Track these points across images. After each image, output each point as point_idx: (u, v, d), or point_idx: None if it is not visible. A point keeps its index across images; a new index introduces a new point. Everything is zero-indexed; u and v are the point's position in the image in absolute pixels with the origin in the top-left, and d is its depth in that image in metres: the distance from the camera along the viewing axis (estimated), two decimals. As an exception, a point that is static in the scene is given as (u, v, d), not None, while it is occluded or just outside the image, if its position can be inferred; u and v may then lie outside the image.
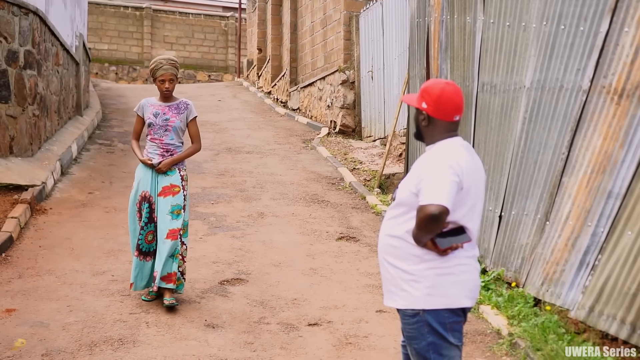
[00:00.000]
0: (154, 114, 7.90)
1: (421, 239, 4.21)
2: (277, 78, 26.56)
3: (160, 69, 7.79)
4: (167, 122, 7.88)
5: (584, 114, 7.19)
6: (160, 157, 7.83)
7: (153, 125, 7.86)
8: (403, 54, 14.98)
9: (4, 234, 9.36)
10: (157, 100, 8.02)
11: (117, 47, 38.01)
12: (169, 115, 7.90)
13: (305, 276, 9.01)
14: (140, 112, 8.03)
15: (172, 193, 7.79)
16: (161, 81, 7.83)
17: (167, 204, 7.74)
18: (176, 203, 7.78)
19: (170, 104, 7.99)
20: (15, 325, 7.13)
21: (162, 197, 7.76)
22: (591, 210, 6.93)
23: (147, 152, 7.89)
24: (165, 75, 7.82)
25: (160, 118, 7.87)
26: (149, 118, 7.90)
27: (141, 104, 8.04)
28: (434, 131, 4.44)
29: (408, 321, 4.36)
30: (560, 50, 7.55)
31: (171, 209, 7.74)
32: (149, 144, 7.94)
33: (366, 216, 11.84)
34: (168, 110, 7.93)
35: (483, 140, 8.86)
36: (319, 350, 6.92)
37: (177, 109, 8.00)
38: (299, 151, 17.11)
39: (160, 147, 7.87)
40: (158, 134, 7.87)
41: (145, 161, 7.82)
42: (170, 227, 7.69)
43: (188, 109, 8.09)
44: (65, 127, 16.58)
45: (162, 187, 7.80)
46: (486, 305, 7.85)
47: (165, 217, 7.72)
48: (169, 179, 7.84)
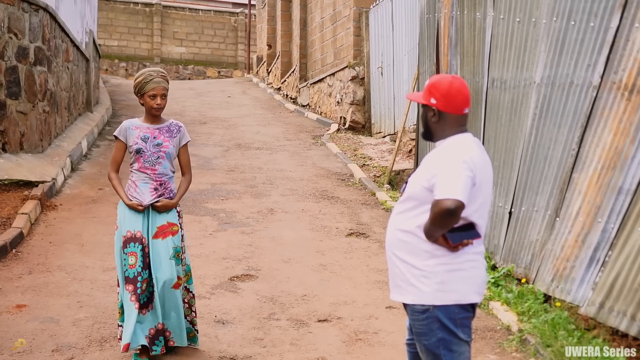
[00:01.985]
0: (142, 138, 6.44)
1: (434, 234, 4.21)
2: (286, 74, 26.56)
3: (150, 81, 6.37)
4: (159, 148, 6.45)
5: (594, 110, 7.17)
6: (153, 192, 6.41)
7: (143, 152, 6.41)
8: (413, 50, 14.96)
9: (14, 230, 9.40)
10: (143, 122, 6.56)
11: (127, 43, 38.06)
12: (160, 140, 6.48)
13: (315, 272, 9.01)
14: (122, 137, 6.53)
15: (172, 233, 6.42)
16: (152, 96, 6.37)
17: (168, 246, 6.37)
18: (176, 245, 6.44)
19: (160, 126, 6.55)
20: (26, 321, 7.15)
21: (161, 240, 6.37)
22: (601, 206, 6.91)
23: (135, 187, 6.46)
24: (157, 89, 6.38)
25: (150, 143, 6.44)
26: (136, 143, 6.43)
27: (123, 126, 6.55)
28: (445, 126, 4.43)
29: (417, 317, 4.35)
30: (571, 46, 7.53)
31: (173, 252, 6.38)
32: (136, 176, 6.47)
33: (376, 212, 11.83)
34: (159, 133, 6.50)
35: (493, 136, 8.85)
36: (329, 346, 6.92)
37: (168, 132, 6.55)
38: (308, 147, 17.10)
39: (153, 179, 6.43)
40: (149, 163, 6.42)
41: (133, 206, 6.36)
42: (179, 274, 6.44)
43: (180, 132, 6.62)
44: (75, 123, 16.62)
45: (157, 227, 6.40)
46: (496, 302, 7.84)
47: (168, 263, 6.34)
48: (166, 217, 6.46)
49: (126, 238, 6.33)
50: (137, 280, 6.26)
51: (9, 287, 8.01)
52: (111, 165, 6.65)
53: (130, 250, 6.30)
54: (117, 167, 6.61)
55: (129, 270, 6.28)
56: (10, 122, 11.60)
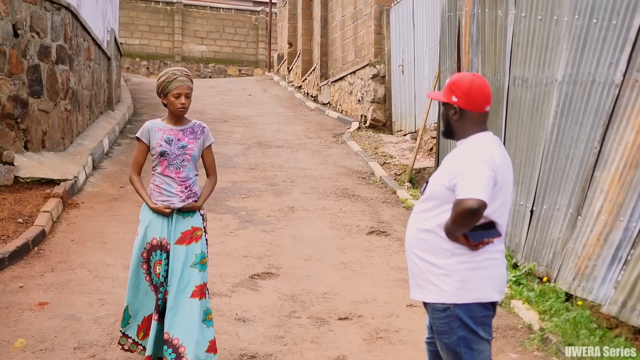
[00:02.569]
0: (167, 140, 6.11)
1: (455, 233, 4.20)
2: (307, 72, 26.56)
3: (175, 80, 6.03)
4: (184, 151, 6.12)
5: (617, 108, 7.13)
6: (181, 197, 6.09)
7: (167, 155, 6.07)
8: (434, 48, 14.93)
9: (36, 228, 9.45)
10: (166, 123, 6.22)
11: (148, 42, 38.15)
12: (185, 142, 6.14)
13: (336, 270, 9.01)
14: (144, 138, 6.18)
15: (196, 239, 6.11)
16: (176, 96, 6.03)
17: (191, 253, 6.05)
18: (201, 251, 6.11)
19: (184, 127, 6.21)
20: (48, 319, 7.19)
21: (185, 246, 6.04)
22: (623, 204, 6.88)
23: (160, 190, 6.12)
24: (181, 88, 6.04)
25: (175, 145, 6.10)
26: (160, 146, 6.09)
27: (145, 127, 6.19)
28: (466, 124, 4.42)
29: (438, 316, 4.34)
30: (593, 44, 7.50)
31: (196, 259, 6.06)
32: (160, 180, 6.14)
33: (397, 210, 11.82)
34: (183, 135, 6.17)
35: (514, 134, 8.82)
36: (350, 344, 6.92)
37: (192, 134, 6.22)
38: (329, 145, 17.10)
39: (178, 182, 6.09)
40: (173, 166, 6.08)
41: (159, 209, 6.06)
42: (198, 283, 6.03)
43: (204, 134, 6.28)
44: (97, 121, 16.69)
45: (181, 232, 6.09)
46: (517, 300, 7.82)
47: (188, 270, 6.01)
48: (190, 221, 6.14)
49: (151, 245, 6.05)
50: (159, 290, 6.01)
51: (31, 284, 8.06)
52: (132, 168, 6.28)
53: (157, 258, 6.03)
54: (139, 170, 6.27)
55: (157, 279, 6.03)
56: (32, 121, 11.67)
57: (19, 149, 11.41)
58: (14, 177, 10.92)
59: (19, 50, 11.31)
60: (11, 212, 9.97)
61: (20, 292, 7.84)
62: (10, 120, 11.24)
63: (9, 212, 9.95)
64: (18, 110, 11.31)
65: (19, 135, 11.41)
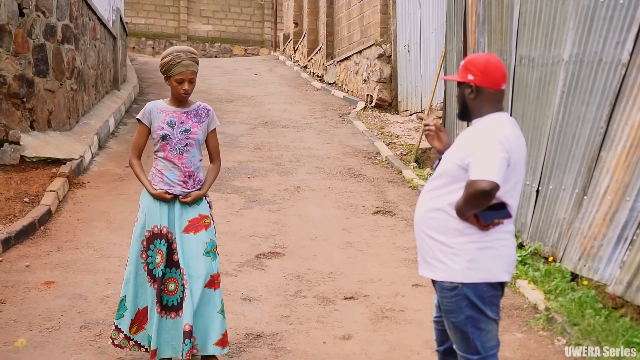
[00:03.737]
0: (169, 122, 5.81)
1: (466, 213, 4.19)
2: (313, 52, 26.52)
3: (178, 64, 5.72)
4: (188, 135, 5.82)
5: (623, 88, 7.10)
6: (182, 185, 5.80)
7: (169, 138, 5.78)
8: (440, 27, 14.88)
9: (42, 207, 9.47)
10: (168, 105, 5.91)
11: (153, 21, 38.13)
12: (188, 125, 5.84)
13: (342, 250, 9.02)
14: (146, 120, 5.87)
15: (205, 226, 5.84)
16: (179, 81, 5.74)
17: (201, 241, 5.78)
18: (210, 239, 5.84)
19: (187, 110, 5.90)
20: (54, 298, 7.21)
21: (193, 234, 5.77)
22: (630, 184, 6.86)
23: (162, 176, 5.84)
24: (185, 73, 5.73)
25: (177, 129, 5.80)
26: (161, 129, 5.80)
27: (147, 109, 5.89)
28: (483, 102, 4.39)
29: (446, 294, 4.35)
30: (600, 24, 7.46)
31: (207, 247, 5.79)
32: (162, 164, 5.85)
33: (402, 190, 11.82)
34: (186, 118, 5.86)
35: (521, 114, 8.80)
36: (355, 323, 6.94)
37: (196, 117, 5.91)
38: (335, 125, 17.09)
39: (181, 169, 5.80)
40: (176, 150, 5.78)
41: (160, 195, 5.78)
42: (212, 272, 5.78)
43: (209, 116, 5.99)
44: (103, 101, 16.70)
45: (188, 220, 5.80)
46: (523, 280, 7.82)
47: (201, 259, 5.73)
48: (197, 209, 5.86)
49: (151, 234, 5.75)
50: (160, 281, 5.71)
51: (37, 264, 8.08)
52: (132, 151, 5.98)
53: (157, 247, 5.73)
54: (139, 153, 5.97)
55: (157, 269, 5.72)
56: (38, 100, 11.67)
57: (25, 128, 11.41)
58: (20, 156, 10.93)
59: (24, 29, 11.29)
60: (17, 191, 9.99)
61: (27, 271, 7.87)
62: (16, 99, 11.23)
63: (15, 191, 9.97)
64: (24, 90, 11.31)
65: (24, 114, 11.41)
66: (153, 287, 5.72)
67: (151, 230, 5.76)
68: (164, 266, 5.74)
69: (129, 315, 5.82)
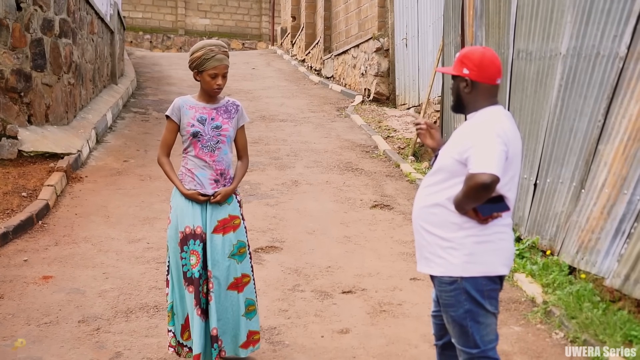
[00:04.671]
0: (199, 119, 5.62)
1: (465, 207, 4.19)
2: (310, 46, 26.51)
3: (212, 59, 5.52)
4: (219, 132, 5.63)
5: (621, 81, 7.10)
6: (213, 183, 5.63)
7: (200, 135, 5.59)
8: (437, 21, 14.88)
9: (40, 202, 9.47)
10: (197, 100, 5.72)
11: (151, 15, 38.10)
12: (219, 121, 5.66)
13: (339, 244, 9.02)
14: (175, 117, 5.67)
15: (233, 227, 5.65)
16: (212, 76, 5.55)
17: (228, 243, 5.59)
18: (237, 240, 5.65)
19: (217, 106, 5.72)
20: (52, 292, 7.21)
21: (221, 235, 5.57)
22: (627, 178, 6.87)
23: (192, 175, 5.63)
24: (219, 68, 5.53)
25: (209, 126, 5.62)
26: (192, 125, 5.60)
27: (176, 105, 5.68)
28: (477, 97, 4.39)
29: (445, 288, 4.35)
30: (597, 17, 7.46)
31: (233, 249, 5.61)
32: (192, 163, 5.64)
33: (400, 184, 11.82)
34: (216, 114, 5.68)
35: (518, 107, 8.80)
36: (353, 317, 6.94)
37: (226, 113, 5.74)
38: (332, 119, 17.08)
39: (212, 167, 5.62)
40: (207, 148, 5.60)
41: (193, 195, 5.55)
42: (236, 275, 5.62)
43: (239, 112, 5.81)
44: (100, 95, 16.69)
45: (217, 220, 5.60)
46: (521, 274, 7.83)
47: (226, 261, 5.56)
48: (227, 209, 5.65)
49: (185, 234, 5.53)
50: (198, 282, 5.51)
51: (35, 258, 8.08)
52: (161, 149, 5.77)
53: (191, 248, 5.52)
54: (168, 151, 5.76)
55: (192, 271, 5.50)
56: (35, 94, 11.65)
57: (23, 122, 11.40)
58: (17, 151, 10.92)
59: (22, 23, 11.27)
60: (15, 186, 9.98)
61: (25, 265, 7.87)
62: (14, 94, 11.22)
63: (13, 186, 9.96)
64: (21, 84, 11.30)
65: (22, 109, 11.40)
66: (188, 290, 5.52)
67: (184, 231, 5.55)
68: (201, 267, 5.54)
69: (179, 320, 5.70)
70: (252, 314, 5.73)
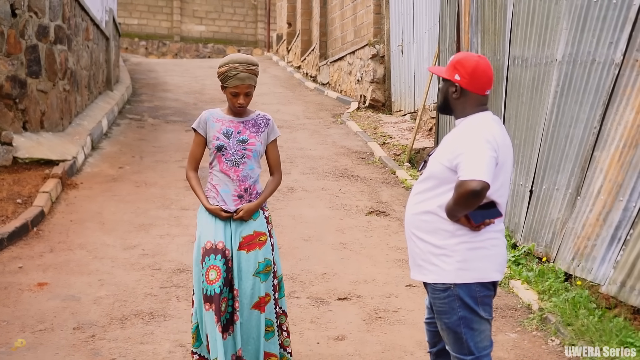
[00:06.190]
0: (225, 133, 5.46)
1: (457, 214, 4.18)
2: (306, 52, 26.52)
3: (234, 77, 5.39)
4: (245, 146, 5.45)
5: (617, 88, 7.11)
6: (236, 199, 5.43)
7: (225, 149, 5.42)
8: (433, 27, 14.89)
9: (35, 209, 9.45)
10: (225, 113, 5.59)
11: (146, 21, 38.12)
12: (246, 135, 5.49)
13: (335, 250, 9.02)
14: (201, 130, 5.54)
15: (259, 244, 5.43)
16: (234, 94, 5.43)
17: (252, 260, 5.38)
18: (264, 258, 5.43)
19: (245, 119, 5.57)
20: (47, 299, 7.19)
21: (245, 252, 5.37)
22: (623, 184, 6.87)
23: (217, 192, 5.47)
24: (240, 87, 5.41)
25: (234, 139, 5.45)
26: (217, 139, 5.44)
27: (203, 118, 5.56)
28: (466, 104, 4.39)
29: (438, 296, 4.34)
30: (593, 24, 7.46)
31: (259, 267, 5.40)
32: (216, 178, 5.47)
33: (396, 191, 11.81)
34: (244, 127, 5.52)
35: (514, 114, 8.80)
36: (349, 324, 6.93)
37: (255, 126, 5.57)
38: (328, 126, 17.09)
39: (236, 182, 5.43)
40: (232, 162, 5.42)
41: (216, 211, 5.38)
42: (260, 294, 5.42)
43: (269, 126, 5.66)
44: (96, 101, 16.68)
45: (242, 237, 5.40)
46: (516, 280, 7.82)
47: (250, 279, 5.37)
48: (253, 225, 5.45)
49: (205, 249, 5.33)
50: (218, 299, 5.25)
51: (30, 265, 8.06)
52: (189, 163, 5.61)
53: (210, 263, 5.29)
54: (196, 165, 5.60)
55: (208, 287, 5.26)
56: (30, 101, 11.64)
57: (18, 129, 11.39)
58: (12, 157, 10.90)
59: (17, 30, 11.26)
60: (10, 192, 9.96)
61: (20, 272, 7.85)
62: (9, 100, 11.21)
63: (8, 192, 9.95)
64: (16, 91, 11.29)
65: (17, 115, 11.39)
66: (205, 307, 5.30)
67: (204, 247, 5.35)
68: (222, 283, 5.29)
69: (205, 341, 5.49)
70: (269, 334, 5.56)
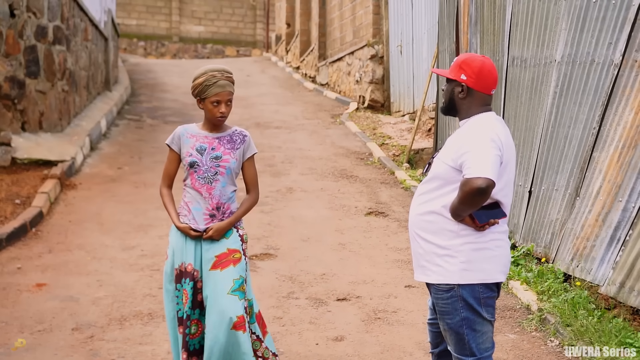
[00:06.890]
0: (198, 149, 5.25)
1: (462, 213, 4.17)
2: (305, 53, 26.51)
3: (214, 85, 5.15)
4: (218, 162, 5.24)
5: (616, 89, 7.10)
6: (208, 218, 5.23)
7: (197, 166, 5.21)
8: (432, 28, 14.88)
9: (34, 209, 9.45)
10: (200, 129, 5.35)
11: (145, 22, 38.09)
12: (220, 152, 5.27)
13: (334, 251, 9.01)
14: (175, 146, 5.33)
15: (233, 262, 5.23)
16: (214, 103, 5.17)
17: (228, 278, 5.17)
18: (239, 275, 5.23)
19: (220, 135, 5.34)
20: (46, 300, 7.19)
21: (219, 271, 5.17)
22: (622, 185, 6.87)
23: (188, 210, 5.26)
24: (222, 95, 5.16)
25: (207, 156, 5.23)
26: (190, 155, 5.24)
27: (177, 133, 5.35)
28: (471, 104, 4.39)
29: (442, 296, 4.33)
30: (592, 24, 7.46)
31: (234, 284, 5.18)
32: (189, 196, 5.27)
33: (395, 191, 11.81)
34: (218, 143, 5.29)
35: (513, 115, 8.80)
36: (348, 325, 6.92)
37: (230, 143, 5.35)
38: (327, 126, 17.08)
39: (208, 200, 5.22)
40: (204, 179, 5.21)
41: (185, 229, 5.19)
42: (239, 313, 5.14)
43: (245, 143, 5.45)
44: (94, 102, 16.68)
45: (215, 255, 5.20)
46: (516, 281, 7.82)
47: (227, 298, 5.12)
48: (225, 243, 5.26)
49: (178, 272, 5.21)
50: (186, 323, 5.18)
51: (29, 265, 8.05)
52: (162, 180, 5.42)
53: (184, 287, 5.19)
54: (169, 182, 5.41)
55: (182, 310, 5.20)
56: (29, 102, 11.64)
57: (16, 129, 11.39)
58: (11, 158, 10.91)
59: (15, 30, 11.26)
60: (8, 193, 9.96)
61: (18, 273, 7.84)
62: (7, 101, 11.20)
63: (7, 193, 9.94)
64: (15, 91, 11.28)
65: (16, 116, 11.39)
66: (178, 330, 5.24)
67: (178, 269, 5.22)
68: (189, 307, 5.19)
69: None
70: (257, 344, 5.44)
